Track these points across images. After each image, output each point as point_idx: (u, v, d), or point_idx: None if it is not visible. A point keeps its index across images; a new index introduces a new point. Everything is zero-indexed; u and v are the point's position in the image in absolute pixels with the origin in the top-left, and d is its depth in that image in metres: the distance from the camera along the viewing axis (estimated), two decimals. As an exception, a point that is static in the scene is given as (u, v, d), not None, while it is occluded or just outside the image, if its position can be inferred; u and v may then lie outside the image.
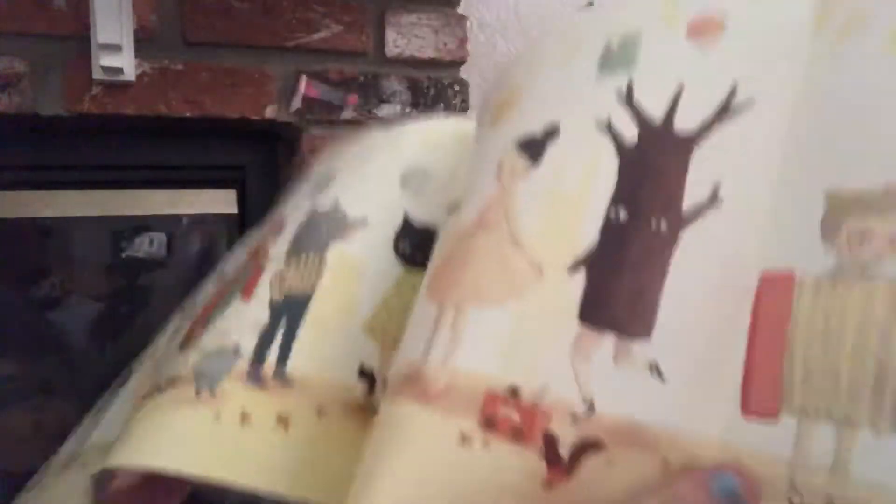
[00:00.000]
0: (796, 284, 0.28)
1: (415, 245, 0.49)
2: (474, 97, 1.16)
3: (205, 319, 0.49)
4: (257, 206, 1.10)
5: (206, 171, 1.13)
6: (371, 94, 1.08)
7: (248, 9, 1.03)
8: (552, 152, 0.38)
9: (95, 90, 0.95)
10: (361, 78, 1.08)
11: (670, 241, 0.32)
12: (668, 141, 0.34)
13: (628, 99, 0.36)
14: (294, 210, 0.53)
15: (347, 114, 1.07)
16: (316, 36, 1.06)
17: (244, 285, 0.49)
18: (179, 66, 0.99)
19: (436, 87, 1.12)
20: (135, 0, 0.93)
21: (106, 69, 0.93)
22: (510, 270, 0.36)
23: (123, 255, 1.29)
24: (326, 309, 0.47)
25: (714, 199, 0.32)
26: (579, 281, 0.33)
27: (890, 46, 0.29)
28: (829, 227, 0.28)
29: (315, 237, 0.50)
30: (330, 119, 1.06)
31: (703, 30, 0.36)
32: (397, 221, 0.50)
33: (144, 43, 0.96)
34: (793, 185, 0.30)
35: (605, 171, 0.35)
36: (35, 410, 1.22)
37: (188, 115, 1.00)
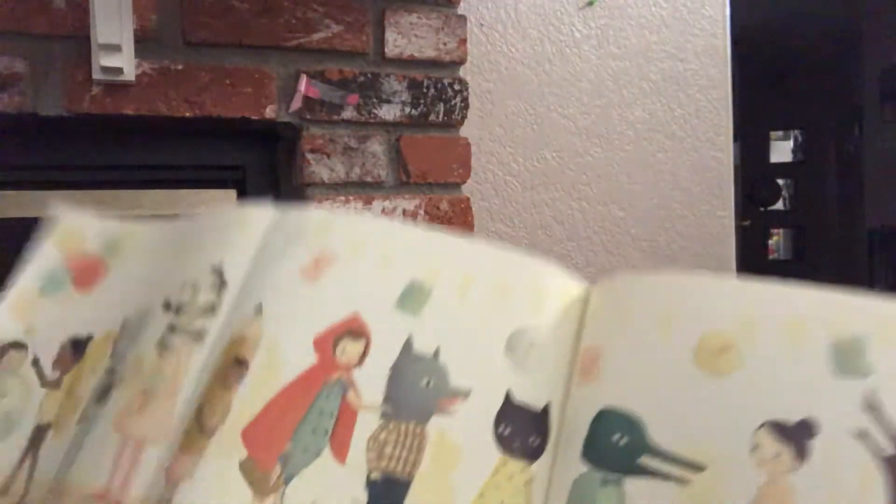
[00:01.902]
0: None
1: (515, 428, 0.51)
2: (473, 97, 1.16)
3: (267, 447, 0.50)
4: (257, 206, 1.10)
5: (206, 171, 1.13)
6: (371, 93, 1.08)
7: (248, 9, 1.03)
8: (819, 450, 0.40)
9: (95, 90, 0.95)
10: (361, 78, 1.08)
11: None
12: None
13: (876, 410, 0.38)
14: (369, 308, 0.53)
15: (347, 114, 1.07)
16: (316, 36, 1.06)
17: (333, 433, 0.49)
18: (179, 66, 0.99)
19: (436, 87, 1.12)
20: (135, 0, 0.93)
21: (106, 69, 0.93)
22: None
23: (123, 254, 1.29)
24: (424, 502, 0.47)
25: None
26: None
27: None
28: None
29: (415, 401, 0.49)
30: (330, 119, 1.06)
31: None
32: (499, 397, 0.49)
33: (144, 43, 0.96)
34: None
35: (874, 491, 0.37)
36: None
37: (188, 115, 1.00)
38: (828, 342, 0.42)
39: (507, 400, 0.50)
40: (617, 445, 0.48)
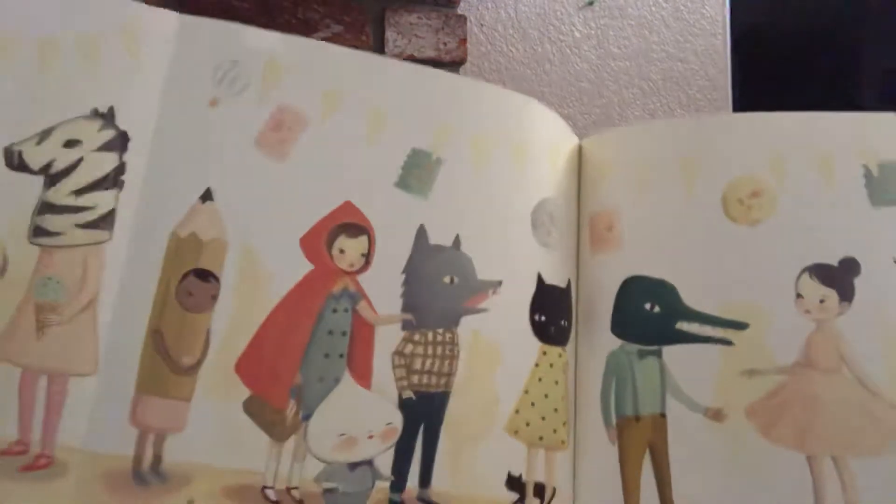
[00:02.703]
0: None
1: (549, 313, 0.47)
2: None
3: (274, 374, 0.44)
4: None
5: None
6: (371, 93, 1.08)
7: (248, 8, 1.02)
8: (864, 288, 0.39)
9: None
10: (361, 77, 1.07)
11: None
12: None
13: None
14: (363, 191, 0.46)
15: (347, 113, 1.07)
16: (316, 36, 1.06)
17: (350, 355, 0.45)
18: (179, 65, 0.99)
19: (436, 87, 1.11)
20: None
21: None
22: (877, 419, 0.37)
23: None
24: (466, 413, 0.44)
25: None
26: None
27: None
28: None
29: (440, 303, 0.45)
30: (330, 118, 1.06)
31: None
32: (531, 282, 0.46)
33: (144, 41, 0.96)
34: None
35: None
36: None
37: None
38: (862, 171, 0.40)
39: (540, 284, 0.46)
40: (649, 315, 0.45)
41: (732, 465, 0.41)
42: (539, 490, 0.46)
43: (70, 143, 0.46)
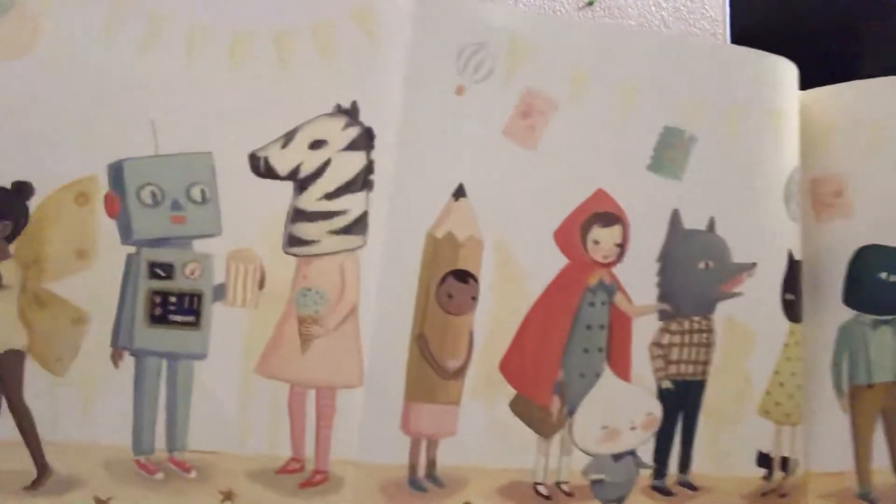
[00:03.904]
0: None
1: (797, 291, 0.45)
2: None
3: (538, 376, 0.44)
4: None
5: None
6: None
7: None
8: None
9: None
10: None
11: None
12: None
13: None
14: (615, 177, 0.44)
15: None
16: None
17: (609, 349, 0.44)
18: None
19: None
20: None
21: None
22: None
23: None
24: (720, 399, 0.45)
25: None
26: None
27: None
28: None
29: (695, 290, 0.44)
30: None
31: None
32: (782, 260, 0.45)
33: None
34: None
35: None
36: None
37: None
38: None
39: (791, 261, 0.45)
40: (885, 284, 0.45)
41: None
42: (784, 463, 0.47)
43: (316, 145, 0.42)
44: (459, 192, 0.44)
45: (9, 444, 0.40)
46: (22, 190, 0.40)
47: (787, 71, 0.47)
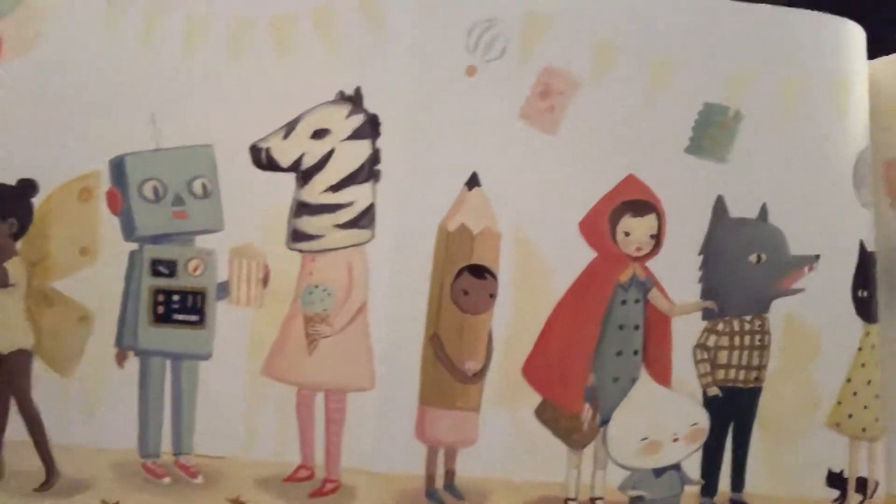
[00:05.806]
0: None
1: (872, 287, 0.41)
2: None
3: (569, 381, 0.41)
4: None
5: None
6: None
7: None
8: None
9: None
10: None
11: None
12: None
13: None
14: (647, 161, 0.40)
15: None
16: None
17: (646, 351, 0.40)
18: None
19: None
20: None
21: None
22: None
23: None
24: (780, 409, 0.40)
25: None
26: None
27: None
28: None
29: (746, 286, 0.40)
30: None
31: None
32: (853, 251, 0.40)
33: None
34: None
35: None
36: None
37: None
38: None
39: (863, 253, 0.41)
40: None
41: None
42: (861, 485, 0.41)
43: (318, 134, 0.40)
44: (473, 182, 0.41)
45: (18, 445, 0.40)
46: (27, 188, 0.40)
47: (853, 36, 0.42)
